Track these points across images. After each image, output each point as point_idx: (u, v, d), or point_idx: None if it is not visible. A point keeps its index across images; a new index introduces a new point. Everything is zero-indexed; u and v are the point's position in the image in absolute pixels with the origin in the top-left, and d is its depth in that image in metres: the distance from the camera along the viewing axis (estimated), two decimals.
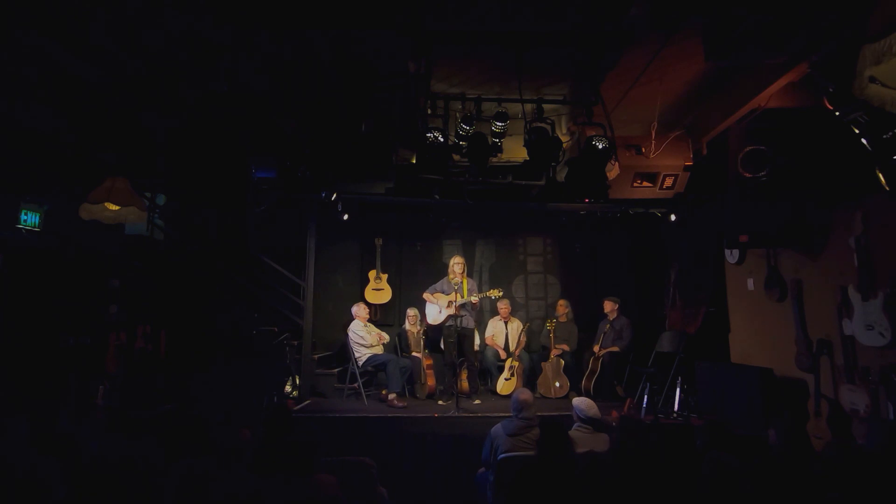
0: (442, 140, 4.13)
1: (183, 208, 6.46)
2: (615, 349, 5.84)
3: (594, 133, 4.24)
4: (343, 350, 6.25)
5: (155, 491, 2.25)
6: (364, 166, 5.41)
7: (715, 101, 4.45)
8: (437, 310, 5.93)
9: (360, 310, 5.95)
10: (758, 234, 4.27)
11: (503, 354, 6.14)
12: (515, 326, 6.35)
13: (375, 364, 5.67)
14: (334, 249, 6.92)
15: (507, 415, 3.56)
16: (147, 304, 5.44)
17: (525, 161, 4.85)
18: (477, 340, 6.22)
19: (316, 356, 6.10)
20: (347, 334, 5.80)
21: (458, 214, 6.96)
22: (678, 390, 5.00)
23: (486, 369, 6.24)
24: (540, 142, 4.16)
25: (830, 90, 3.18)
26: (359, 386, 5.57)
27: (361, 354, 5.69)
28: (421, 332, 6.19)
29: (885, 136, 2.99)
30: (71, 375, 4.34)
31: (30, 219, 4.50)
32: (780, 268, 4.78)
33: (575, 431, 3.35)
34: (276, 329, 5.79)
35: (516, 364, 5.95)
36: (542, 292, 7.27)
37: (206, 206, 6.37)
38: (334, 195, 5.48)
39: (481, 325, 6.49)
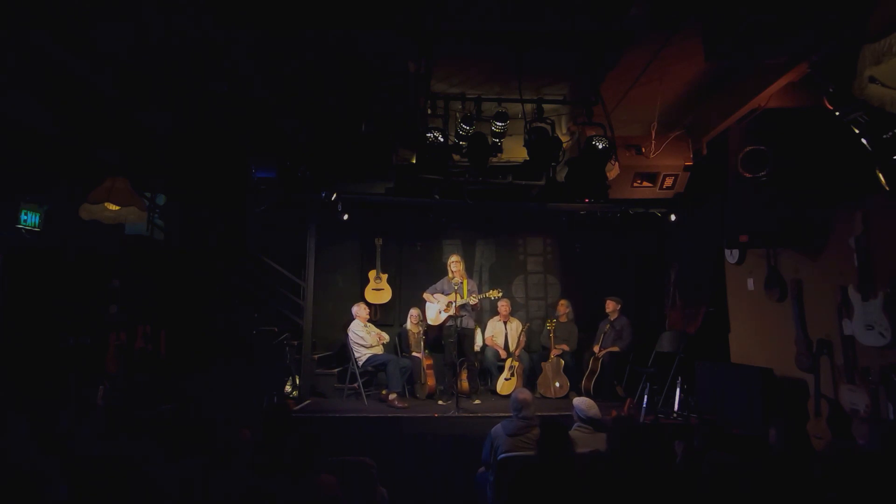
0: (442, 140, 4.13)
1: (183, 208, 6.46)
2: (615, 349, 5.84)
3: (594, 133, 4.24)
4: (343, 350, 6.25)
5: (155, 491, 2.25)
6: (364, 166, 5.41)
7: (715, 101, 4.45)
8: (436, 310, 5.94)
9: (360, 310, 5.95)
10: (758, 234, 4.27)
11: (503, 354, 6.14)
12: (515, 326, 6.34)
13: (375, 364, 5.67)
14: (334, 249, 6.91)
15: (507, 415, 3.56)
16: (147, 304, 5.43)
17: (525, 161, 4.84)
18: (477, 340, 6.23)
19: (316, 356, 6.10)
20: (347, 334, 5.80)
21: (458, 214, 6.95)
22: (678, 390, 5.00)
23: (486, 369, 6.25)
24: (540, 142, 4.17)
25: (830, 90, 3.18)
26: (359, 386, 5.57)
27: (361, 354, 5.69)
28: (422, 332, 6.19)
29: (885, 136, 2.99)
30: (71, 375, 4.33)
31: (30, 219, 4.49)
32: (780, 268, 4.78)
33: (575, 431, 3.35)
34: (276, 329, 5.78)
35: (516, 364, 5.95)
36: (542, 292, 7.27)
37: (206, 206, 6.37)
38: (334, 195, 5.49)
39: (481, 325, 6.49)
